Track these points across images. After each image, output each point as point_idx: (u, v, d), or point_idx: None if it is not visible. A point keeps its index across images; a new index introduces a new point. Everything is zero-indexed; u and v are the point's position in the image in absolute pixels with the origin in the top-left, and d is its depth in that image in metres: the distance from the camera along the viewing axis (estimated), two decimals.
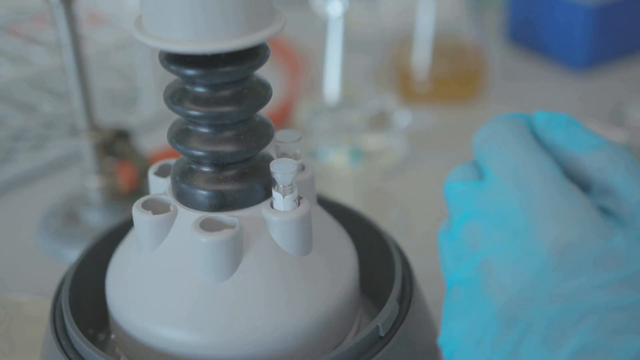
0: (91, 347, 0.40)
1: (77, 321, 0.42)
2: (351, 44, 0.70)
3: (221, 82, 0.40)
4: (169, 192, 0.43)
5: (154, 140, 0.73)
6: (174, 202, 0.42)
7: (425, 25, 0.80)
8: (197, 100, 0.40)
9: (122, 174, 0.65)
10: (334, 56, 0.70)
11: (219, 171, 0.41)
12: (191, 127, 0.41)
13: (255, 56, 0.40)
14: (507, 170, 0.33)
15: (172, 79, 0.42)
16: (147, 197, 0.43)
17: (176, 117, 0.42)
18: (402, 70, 0.82)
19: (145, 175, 0.64)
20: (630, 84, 0.85)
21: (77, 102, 0.62)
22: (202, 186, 0.41)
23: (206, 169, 0.42)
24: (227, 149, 0.41)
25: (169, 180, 0.44)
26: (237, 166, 0.42)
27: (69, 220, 0.65)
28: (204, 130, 0.41)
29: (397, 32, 0.83)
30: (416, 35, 0.80)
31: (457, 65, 0.81)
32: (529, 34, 0.90)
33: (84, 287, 0.46)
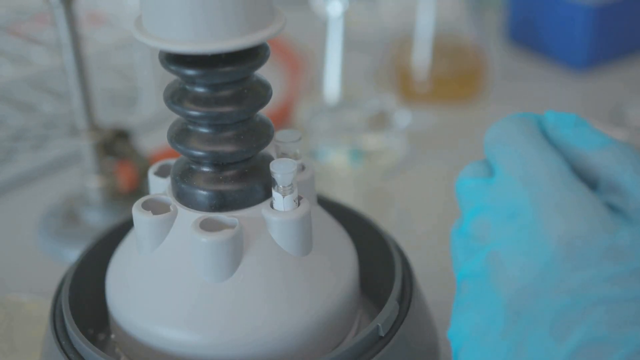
0: (91, 347, 0.40)
1: (77, 321, 0.42)
2: (351, 44, 0.70)
3: (221, 82, 0.40)
4: (169, 192, 0.43)
5: (154, 140, 0.73)
6: (174, 202, 0.42)
7: (425, 25, 0.80)
8: (197, 100, 0.40)
9: (122, 174, 0.65)
10: (334, 56, 0.70)
11: (219, 171, 0.41)
12: (191, 127, 0.41)
13: (255, 56, 0.40)
14: (517, 166, 0.34)
15: (172, 79, 0.42)
16: (147, 197, 0.43)
17: (176, 117, 0.42)
18: (402, 70, 0.82)
19: (145, 175, 0.63)
20: (630, 84, 0.84)
21: (77, 102, 0.61)
22: (202, 186, 0.41)
23: (206, 169, 0.42)
24: (227, 149, 0.41)
25: (169, 180, 0.44)
26: (237, 166, 0.42)
27: (69, 220, 0.65)
28: (204, 130, 0.41)
29: (397, 32, 0.83)
30: (416, 35, 0.80)
31: (457, 65, 0.81)
32: (529, 34, 0.90)
33: (84, 287, 0.46)
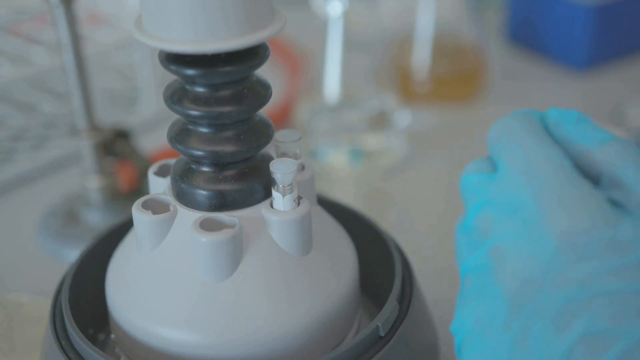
0: (91, 347, 0.40)
1: (77, 321, 0.42)
2: (351, 44, 0.70)
3: (221, 82, 0.40)
4: (168, 192, 0.43)
5: (154, 140, 0.73)
6: (174, 202, 0.42)
7: (425, 25, 0.80)
8: (197, 100, 0.40)
9: (122, 174, 0.65)
10: (334, 56, 0.70)
11: (219, 171, 0.41)
12: (191, 127, 0.41)
13: (255, 56, 0.40)
14: (520, 162, 0.34)
15: (172, 79, 0.42)
16: (147, 197, 0.43)
17: (176, 117, 0.42)
18: (402, 70, 0.82)
19: (145, 175, 0.63)
20: (630, 84, 0.84)
21: (77, 102, 0.61)
22: (202, 186, 0.41)
23: (206, 169, 0.42)
24: (227, 148, 0.41)
25: (168, 180, 0.44)
26: (237, 166, 0.42)
27: (69, 220, 0.65)
28: (203, 130, 0.41)
29: (397, 32, 0.83)
30: (416, 35, 0.80)
31: (457, 65, 0.81)
32: (529, 34, 0.90)
33: (84, 287, 0.46)
